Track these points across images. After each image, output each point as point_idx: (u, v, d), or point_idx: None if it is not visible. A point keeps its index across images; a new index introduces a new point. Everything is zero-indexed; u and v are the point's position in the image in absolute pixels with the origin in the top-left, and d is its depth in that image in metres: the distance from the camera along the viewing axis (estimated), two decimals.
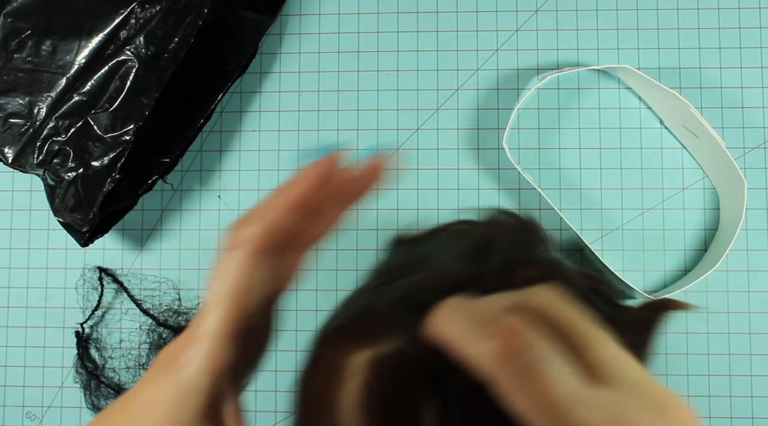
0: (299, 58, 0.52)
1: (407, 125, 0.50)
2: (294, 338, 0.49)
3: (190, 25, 0.43)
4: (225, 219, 0.51)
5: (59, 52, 0.44)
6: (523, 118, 0.50)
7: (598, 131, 0.49)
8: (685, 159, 0.49)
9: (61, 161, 0.44)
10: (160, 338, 0.50)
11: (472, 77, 0.50)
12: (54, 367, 0.51)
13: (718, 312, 0.48)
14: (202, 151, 0.51)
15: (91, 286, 0.51)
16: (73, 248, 0.51)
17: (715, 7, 0.50)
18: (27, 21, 0.44)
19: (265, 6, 0.50)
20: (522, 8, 0.51)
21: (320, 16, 0.52)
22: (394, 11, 0.51)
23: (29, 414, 0.51)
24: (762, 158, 0.49)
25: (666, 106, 0.48)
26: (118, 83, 0.43)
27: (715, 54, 0.49)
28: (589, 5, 0.50)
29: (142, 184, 0.47)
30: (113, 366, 0.50)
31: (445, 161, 0.50)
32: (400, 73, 0.51)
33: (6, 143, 0.45)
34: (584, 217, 0.49)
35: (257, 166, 0.51)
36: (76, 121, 0.44)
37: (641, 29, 0.50)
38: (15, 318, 0.52)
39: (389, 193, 0.50)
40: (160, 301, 0.50)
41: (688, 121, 0.46)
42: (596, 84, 0.50)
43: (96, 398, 0.49)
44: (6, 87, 0.44)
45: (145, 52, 0.43)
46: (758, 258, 0.48)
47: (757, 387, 0.47)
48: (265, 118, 0.51)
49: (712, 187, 0.49)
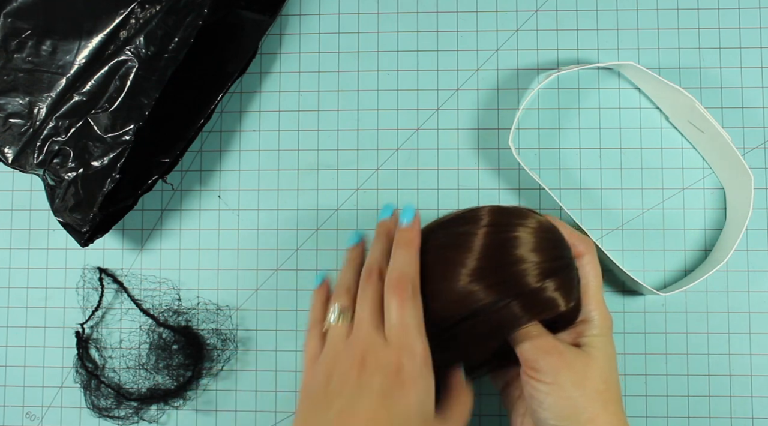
0: (299, 58, 0.52)
1: (407, 125, 0.50)
2: (294, 338, 0.50)
3: (190, 25, 0.43)
4: (225, 219, 0.51)
5: (59, 52, 0.44)
6: (524, 118, 0.50)
7: (598, 131, 0.49)
8: (685, 159, 0.49)
9: (61, 161, 0.44)
10: (160, 338, 0.50)
11: (472, 77, 0.50)
12: (54, 367, 0.51)
13: (718, 312, 0.48)
14: (202, 151, 0.51)
15: (91, 287, 0.51)
16: (73, 248, 0.51)
17: (715, 7, 0.50)
18: (27, 21, 0.44)
19: (265, 6, 0.50)
20: (522, 8, 0.51)
21: (320, 16, 0.52)
22: (394, 11, 0.51)
23: (29, 414, 0.51)
24: (762, 158, 0.49)
25: (671, 102, 0.48)
26: (118, 83, 0.43)
27: (715, 54, 0.49)
28: (589, 5, 0.50)
29: (142, 184, 0.47)
30: (113, 366, 0.50)
31: (445, 161, 0.50)
32: (400, 73, 0.51)
33: (6, 143, 0.45)
34: (584, 216, 0.49)
35: (257, 166, 0.51)
36: (76, 121, 0.44)
37: (641, 29, 0.50)
38: (15, 318, 0.52)
39: (389, 193, 0.50)
40: (160, 301, 0.50)
41: (694, 117, 0.46)
42: (596, 84, 0.50)
43: (96, 398, 0.49)
44: (6, 87, 0.44)
45: (145, 52, 0.43)
46: (758, 258, 0.48)
47: (757, 387, 0.47)
48: (265, 118, 0.51)
49: (712, 187, 0.49)
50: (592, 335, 0.36)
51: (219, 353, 0.50)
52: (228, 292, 0.50)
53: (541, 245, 0.37)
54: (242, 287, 0.50)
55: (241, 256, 0.51)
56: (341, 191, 0.50)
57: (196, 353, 0.49)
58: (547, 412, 0.34)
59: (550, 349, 0.34)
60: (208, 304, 0.50)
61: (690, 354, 0.48)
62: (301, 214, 0.50)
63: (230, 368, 0.50)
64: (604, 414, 0.34)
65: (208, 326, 0.50)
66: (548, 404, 0.34)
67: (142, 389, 0.49)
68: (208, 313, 0.50)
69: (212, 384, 0.50)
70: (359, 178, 0.50)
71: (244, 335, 0.50)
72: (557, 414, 0.34)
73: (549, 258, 0.36)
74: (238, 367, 0.50)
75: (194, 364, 0.49)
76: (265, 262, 0.50)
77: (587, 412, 0.33)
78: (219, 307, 0.50)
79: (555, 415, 0.34)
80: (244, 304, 0.50)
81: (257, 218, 0.51)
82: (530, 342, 0.35)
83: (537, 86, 0.48)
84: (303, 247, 0.50)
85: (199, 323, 0.50)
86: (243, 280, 0.50)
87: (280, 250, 0.50)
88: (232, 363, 0.50)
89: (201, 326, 0.50)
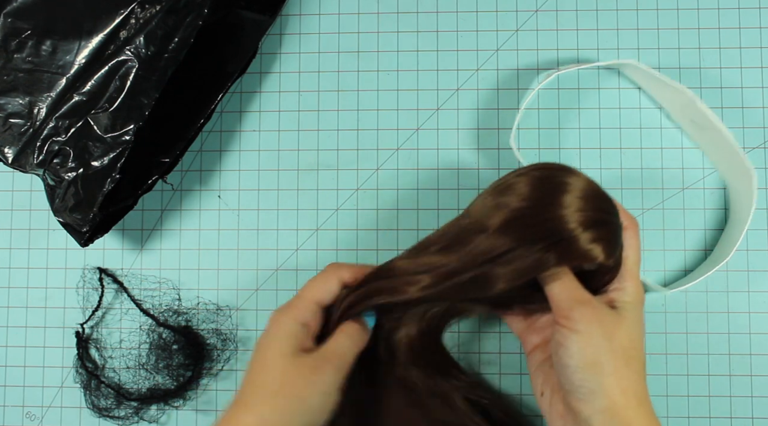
0: (299, 58, 0.52)
1: (407, 125, 0.50)
2: None
3: (190, 25, 0.43)
4: (225, 219, 0.51)
5: (59, 52, 0.44)
6: (524, 118, 0.50)
7: (598, 131, 0.49)
8: (685, 159, 0.49)
9: (61, 161, 0.44)
10: (160, 338, 0.50)
11: (472, 77, 0.50)
12: (54, 367, 0.51)
13: (718, 312, 0.48)
14: (202, 151, 0.51)
15: (91, 287, 0.51)
16: (73, 248, 0.51)
17: (715, 7, 0.50)
18: (27, 21, 0.44)
19: (265, 6, 0.50)
20: (522, 8, 0.51)
21: (320, 16, 0.52)
22: (394, 11, 0.51)
23: (29, 414, 0.51)
24: (762, 158, 0.49)
25: (672, 101, 0.48)
26: (118, 83, 0.43)
27: (715, 54, 0.49)
28: (589, 5, 0.50)
29: (142, 184, 0.47)
30: (113, 366, 0.50)
31: (445, 161, 0.50)
32: (400, 73, 0.51)
33: (6, 143, 0.45)
34: None
35: (257, 166, 0.51)
36: (76, 121, 0.44)
37: (641, 29, 0.50)
38: (15, 318, 0.52)
39: (389, 193, 0.50)
40: (160, 301, 0.50)
41: (696, 115, 0.46)
42: (596, 84, 0.50)
43: (96, 398, 0.49)
44: (6, 87, 0.44)
45: (145, 52, 0.43)
46: (758, 258, 0.48)
47: (757, 387, 0.47)
48: (265, 118, 0.51)
49: (712, 187, 0.49)
50: (624, 301, 0.38)
51: (219, 353, 0.50)
52: (228, 292, 0.50)
53: (589, 195, 0.37)
54: (242, 287, 0.50)
55: (241, 256, 0.51)
56: (341, 191, 0.50)
57: (196, 353, 0.49)
58: (573, 359, 0.35)
59: (585, 301, 0.36)
60: (208, 304, 0.50)
61: (690, 354, 0.48)
62: (301, 214, 0.51)
63: (230, 368, 0.50)
64: (625, 369, 0.35)
65: (208, 326, 0.50)
66: (574, 351, 0.35)
67: (142, 389, 0.49)
68: (208, 313, 0.50)
69: (212, 384, 0.50)
70: (359, 178, 0.50)
71: (244, 335, 0.50)
72: (582, 361, 0.35)
73: (595, 208, 0.37)
74: (238, 367, 0.50)
75: (194, 364, 0.49)
76: (265, 262, 0.50)
77: (611, 364, 0.35)
78: (219, 307, 0.50)
79: (580, 362, 0.35)
80: (244, 304, 0.50)
81: (257, 218, 0.51)
82: (567, 293, 0.37)
83: (537, 86, 0.48)
84: (303, 247, 0.50)
85: (199, 323, 0.50)
86: (243, 280, 0.50)
87: (280, 250, 0.50)
88: (232, 363, 0.50)
89: (201, 326, 0.50)
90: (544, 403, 0.40)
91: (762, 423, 0.47)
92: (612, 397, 0.35)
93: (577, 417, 0.36)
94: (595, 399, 0.35)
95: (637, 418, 0.35)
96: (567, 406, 0.37)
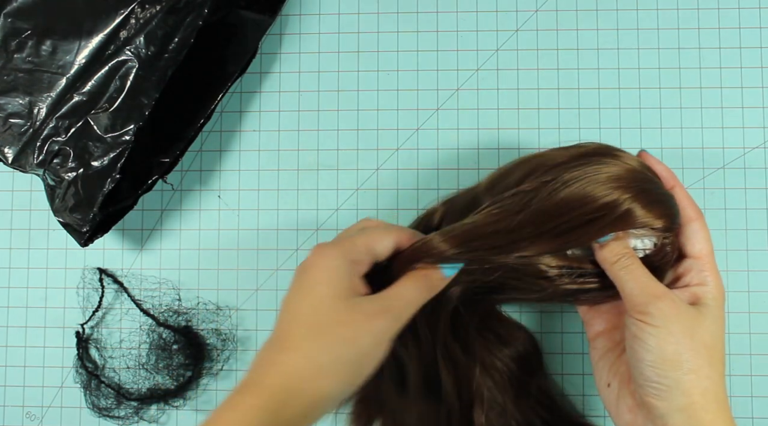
0: (299, 58, 0.52)
1: (407, 125, 0.50)
2: None
3: (190, 25, 0.43)
4: (225, 219, 0.51)
5: (59, 52, 0.44)
6: (524, 118, 0.50)
7: (598, 131, 0.49)
8: (685, 159, 0.49)
9: (61, 161, 0.44)
10: (160, 338, 0.50)
11: (472, 77, 0.50)
12: (54, 367, 0.51)
13: None
14: (202, 151, 0.51)
15: (91, 287, 0.51)
16: (73, 248, 0.51)
17: (715, 7, 0.50)
18: (27, 21, 0.44)
19: (265, 6, 0.50)
20: (522, 8, 0.51)
21: (320, 16, 0.52)
22: (394, 11, 0.51)
23: (29, 414, 0.51)
24: (762, 158, 0.49)
25: None
26: (118, 83, 0.43)
27: (715, 54, 0.49)
28: (589, 5, 0.50)
29: (142, 184, 0.47)
30: (113, 366, 0.50)
31: (445, 161, 0.50)
32: (400, 73, 0.51)
33: (6, 143, 0.45)
34: None
35: (257, 166, 0.51)
36: (76, 121, 0.44)
37: (641, 29, 0.50)
38: (15, 318, 0.52)
39: (389, 193, 0.50)
40: (160, 302, 0.50)
41: None
42: (596, 84, 0.50)
43: (96, 398, 0.49)
44: (6, 87, 0.44)
45: (145, 52, 0.43)
46: (758, 258, 0.48)
47: (757, 387, 0.47)
48: (265, 118, 0.51)
49: (712, 187, 0.49)
50: (708, 299, 0.36)
51: (219, 353, 0.50)
52: (228, 292, 0.50)
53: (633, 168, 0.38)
54: (242, 287, 0.50)
55: (241, 256, 0.51)
56: (341, 191, 0.50)
57: (196, 353, 0.49)
58: (650, 354, 0.34)
59: (661, 295, 0.34)
60: (207, 304, 0.50)
61: None
62: (301, 214, 0.51)
63: (230, 368, 0.50)
64: (707, 368, 0.34)
65: (208, 326, 0.50)
66: (652, 345, 0.34)
67: (142, 389, 0.49)
68: (208, 313, 0.50)
69: (212, 384, 0.50)
70: (359, 178, 0.50)
71: (243, 335, 0.50)
72: (660, 356, 0.34)
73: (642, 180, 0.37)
74: (238, 367, 0.50)
75: (194, 364, 0.49)
76: (265, 262, 0.50)
77: (691, 362, 0.33)
78: (219, 307, 0.50)
79: (658, 357, 0.34)
80: (244, 304, 0.50)
81: (257, 218, 0.51)
82: (641, 287, 0.35)
83: None
84: (303, 247, 0.50)
85: (199, 323, 0.50)
86: (243, 280, 0.50)
87: (280, 250, 0.50)
88: (232, 363, 0.50)
89: (201, 326, 0.50)
90: (610, 394, 0.38)
91: (762, 423, 0.47)
92: (691, 397, 0.33)
93: (651, 413, 0.34)
94: (672, 396, 0.33)
95: (716, 422, 0.33)
96: (639, 400, 0.35)
